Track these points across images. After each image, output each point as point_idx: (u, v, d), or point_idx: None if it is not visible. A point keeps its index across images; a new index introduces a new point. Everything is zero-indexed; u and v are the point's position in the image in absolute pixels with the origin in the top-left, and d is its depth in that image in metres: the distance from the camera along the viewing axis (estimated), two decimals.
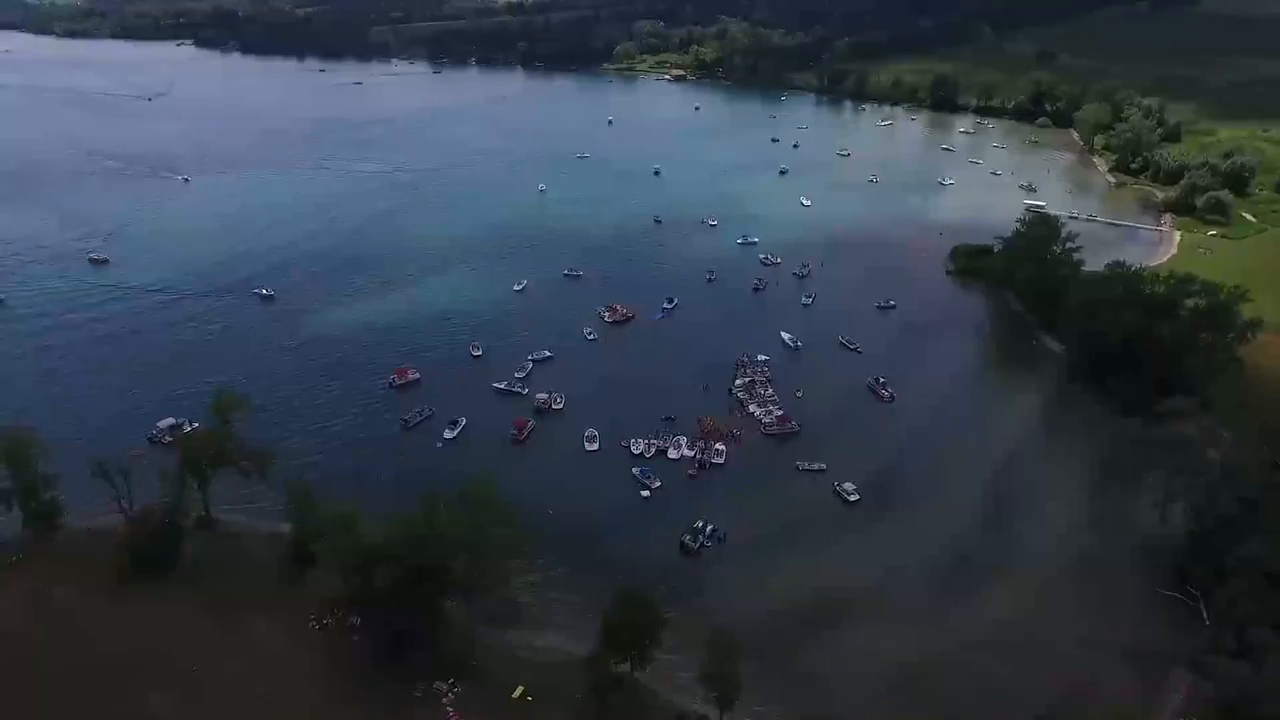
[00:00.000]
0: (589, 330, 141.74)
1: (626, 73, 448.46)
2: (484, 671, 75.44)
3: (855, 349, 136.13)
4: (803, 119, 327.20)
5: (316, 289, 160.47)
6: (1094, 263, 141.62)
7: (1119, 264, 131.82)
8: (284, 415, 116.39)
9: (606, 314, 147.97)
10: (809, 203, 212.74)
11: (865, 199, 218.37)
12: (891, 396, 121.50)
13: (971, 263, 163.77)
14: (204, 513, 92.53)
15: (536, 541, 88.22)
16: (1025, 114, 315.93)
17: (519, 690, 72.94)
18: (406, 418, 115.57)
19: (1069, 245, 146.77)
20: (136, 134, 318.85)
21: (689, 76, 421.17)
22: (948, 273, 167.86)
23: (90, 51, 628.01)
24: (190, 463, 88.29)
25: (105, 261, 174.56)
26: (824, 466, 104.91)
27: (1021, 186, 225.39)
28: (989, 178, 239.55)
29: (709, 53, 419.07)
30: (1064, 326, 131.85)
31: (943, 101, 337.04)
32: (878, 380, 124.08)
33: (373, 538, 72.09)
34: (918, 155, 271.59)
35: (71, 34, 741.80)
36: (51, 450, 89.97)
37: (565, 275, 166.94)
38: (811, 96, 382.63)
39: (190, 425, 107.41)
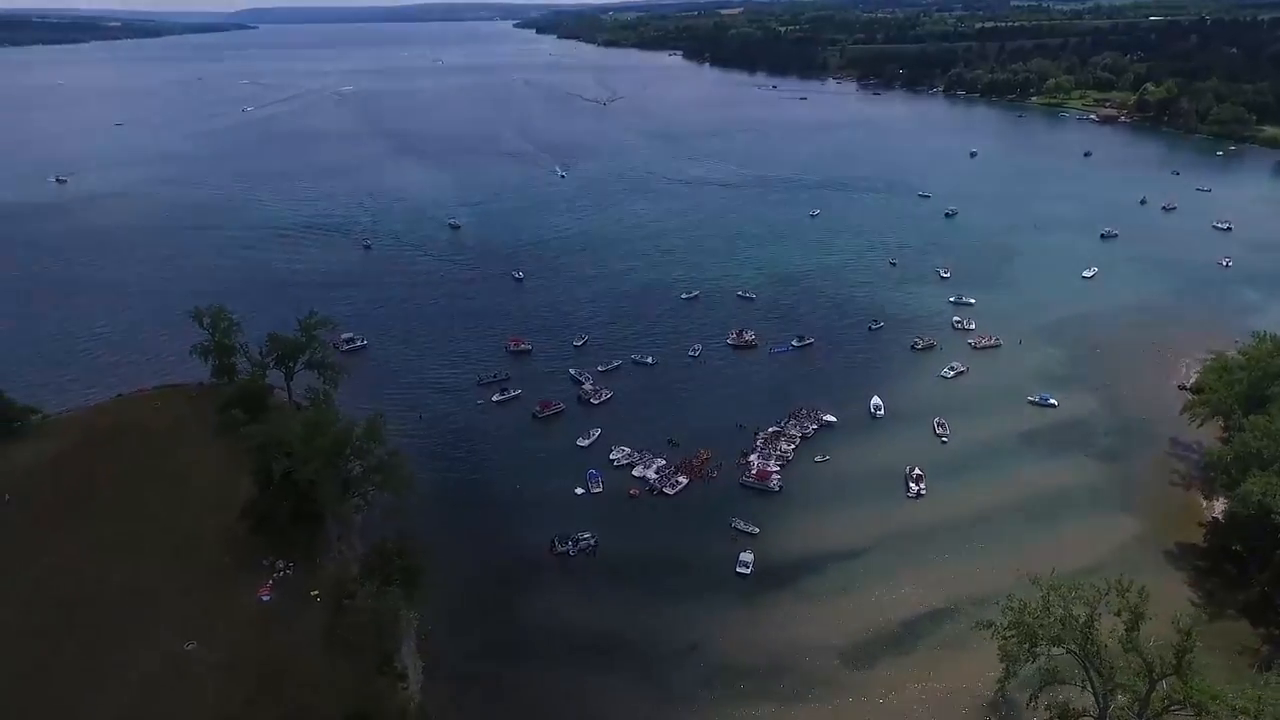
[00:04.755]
0: (695, 347, 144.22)
1: (1055, 107, 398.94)
2: (320, 569, 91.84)
3: (944, 438, 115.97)
4: (1214, 181, 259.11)
5: (552, 273, 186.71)
6: None
7: None
8: (427, 358, 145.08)
9: (732, 337, 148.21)
10: (1091, 274, 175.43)
11: (1179, 282, 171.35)
12: (919, 494, 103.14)
13: (1212, 381, 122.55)
14: (288, 396, 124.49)
15: (456, 498, 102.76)
16: None
17: (315, 591, 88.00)
18: (482, 376, 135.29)
19: None
20: (566, 128, 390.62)
21: (1122, 117, 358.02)
22: (1180, 387, 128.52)
23: (605, 58, 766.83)
24: (275, 357, 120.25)
25: (458, 228, 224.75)
26: (757, 530, 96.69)
27: None
28: None
29: (1159, 92, 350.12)
30: (1220, 485, 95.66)
31: None
32: (912, 471, 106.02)
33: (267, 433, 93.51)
34: None
35: (607, 44, 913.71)
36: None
37: (739, 296, 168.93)
38: (1275, 155, 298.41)
39: (360, 343, 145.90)
